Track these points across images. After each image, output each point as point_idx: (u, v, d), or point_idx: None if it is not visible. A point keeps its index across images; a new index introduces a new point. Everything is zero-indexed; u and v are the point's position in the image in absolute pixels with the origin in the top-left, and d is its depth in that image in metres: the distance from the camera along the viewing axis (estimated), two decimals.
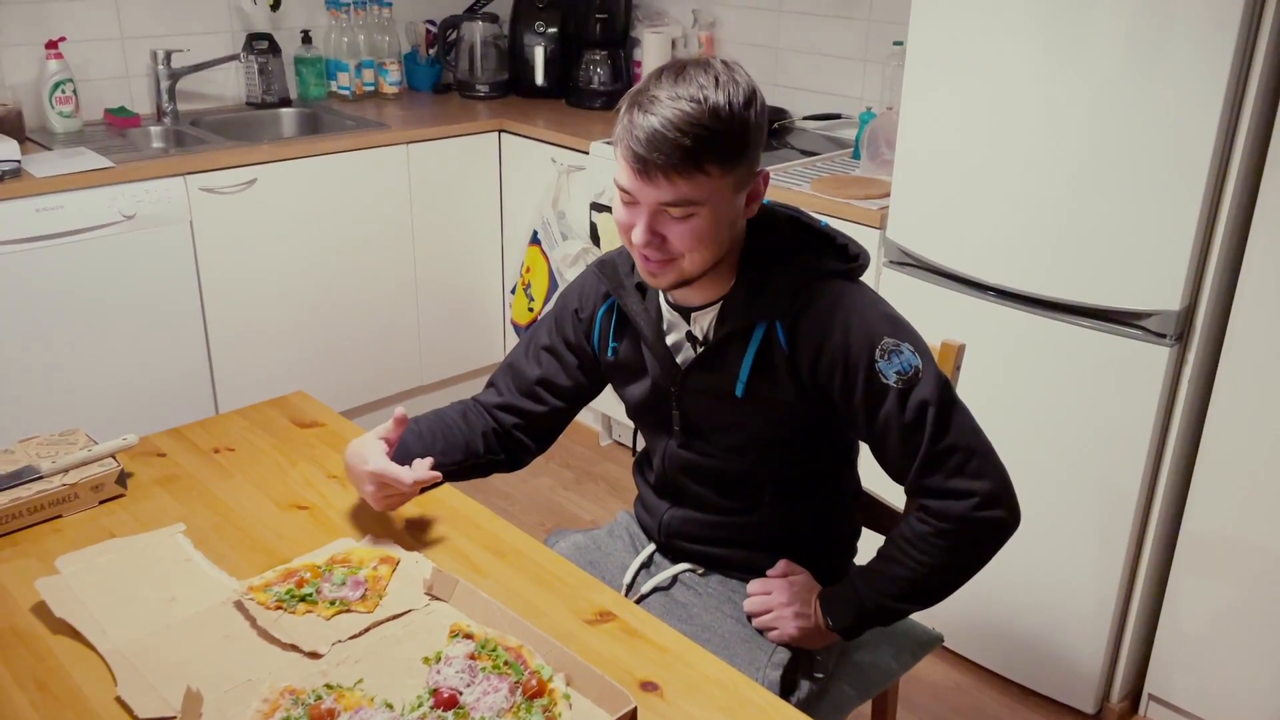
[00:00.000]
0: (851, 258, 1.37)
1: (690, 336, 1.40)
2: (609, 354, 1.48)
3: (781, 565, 1.46)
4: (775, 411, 1.37)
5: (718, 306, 1.37)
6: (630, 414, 1.54)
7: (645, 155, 1.20)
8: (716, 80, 1.21)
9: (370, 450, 1.37)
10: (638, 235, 1.26)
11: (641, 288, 1.44)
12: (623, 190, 1.26)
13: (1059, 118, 1.93)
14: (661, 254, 1.27)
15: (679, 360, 1.41)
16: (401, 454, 1.42)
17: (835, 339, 1.30)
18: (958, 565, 1.37)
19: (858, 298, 1.33)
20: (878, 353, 1.29)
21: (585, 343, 1.51)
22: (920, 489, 1.33)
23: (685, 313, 1.40)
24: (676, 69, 1.23)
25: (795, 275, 1.33)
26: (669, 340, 1.42)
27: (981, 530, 1.33)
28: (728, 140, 1.21)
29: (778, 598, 1.43)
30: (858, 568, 1.43)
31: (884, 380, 1.29)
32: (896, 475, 1.36)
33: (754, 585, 1.46)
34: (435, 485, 1.41)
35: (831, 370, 1.30)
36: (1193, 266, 1.87)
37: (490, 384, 1.58)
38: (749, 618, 1.45)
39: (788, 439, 1.41)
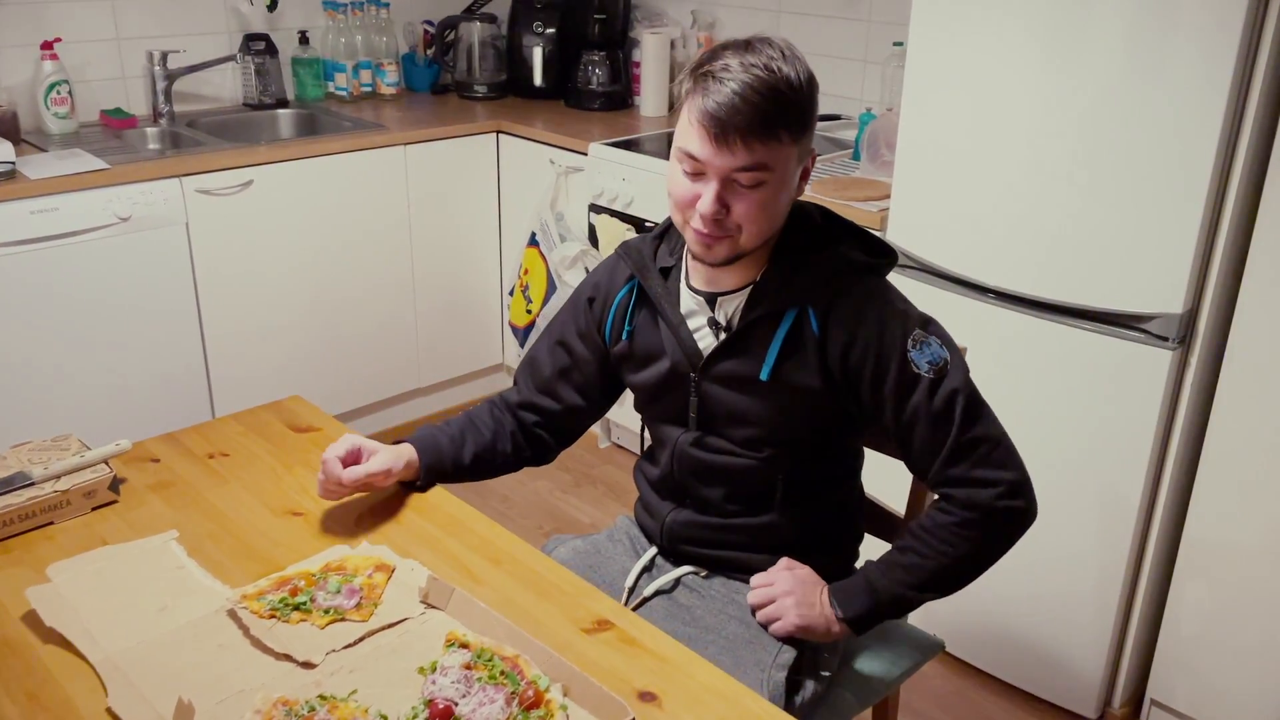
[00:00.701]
0: (883, 254, 1.40)
1: (713, 323, 1.40)
2: (623, 338, 1.48)
3: (784, 561, 1.45)
4: (797, 400, 1.37)
5: (746, 292, 1.37)
6: (641, 404, 1.53)
7: (725, 119, 1.23)
8: (783, 54, 1.26)
9: (342, 441, 1.43)
10: (705, 204, 1.27)
11: (665, 271, 1.45)
12: (692, 159, 1.27)
13: (1060, 119, 1.92)
14: (721, 228, 1.29)
15: (701, 346, 1.41)
16: (432, 452, 1.49)
17: (869, 327, 1.32)
18: (979, 554, 1.37)
19: (889, 291, 1.38)
20: (910, 342, 1.32)
21: (596, 333, 1.52)
22: (945, 479, 1.34)
23: (710, 299, 1.40)
24: (742, 43, 1.27)
25: (830, 264, 1.35)
26: (690, 325, 1.42)
27: (1004, 519, 1.35)
28: (798, 109, 1.27)
29: (780, 587, 1.42)
30: (869, 562, 1.42)
31: (916, 369, 1.31)
32: (920, 467, 1.37)
33: (757, 578, 1.45)
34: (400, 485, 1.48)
35: (864, 358, 1.32)
36: (1195, 269, 1.86)
37: (515, 379, 1.61)
38: (752, 611, 1.44)
39: (803, 435, 1.41)
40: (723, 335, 1.40)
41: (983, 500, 1.33)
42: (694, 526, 1.51)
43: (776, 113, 1.24)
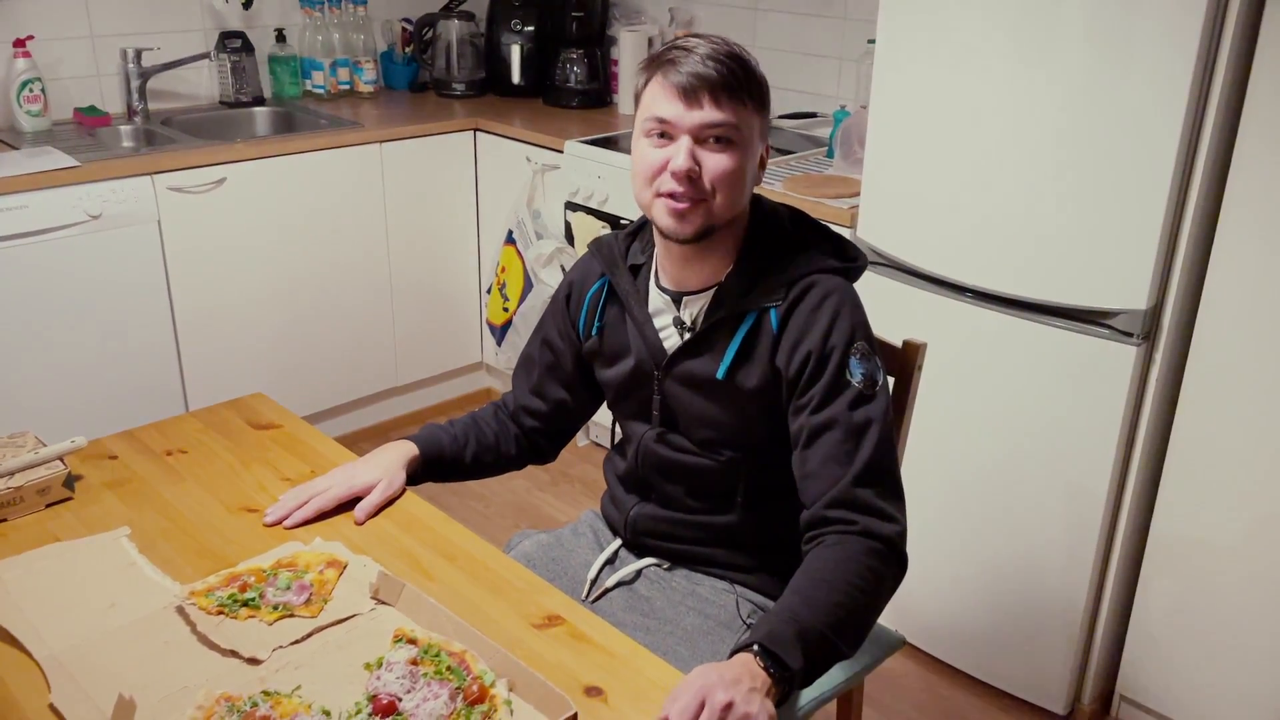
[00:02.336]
0: (851, 258, 1.39)
1: (678, 322, 1.41)
2: (593, 332, 1.49)
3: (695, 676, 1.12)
4: (751, 403, 1.37)
5: (710, 293, 1.38)
6: (610, 401, 1.55)
7: (696, 76, 1.27)
8: (736, 45, 1.33)
9: (332, 490, 1.44)
10: (679, 160, 1.28)
11: (635, 269, 1.46)
12: (660, 121, 1.29)
13: (1027, 117, 1.92)
14: (694, 191, 1.29)
15: (666, 345, 1.42)
16: (434, 453, 1.52)
17: (820, 326, 1.32)
18: (879, 595, 1.25)
19: (851, 296, 1.36)
20: (854, 349, 1.31)
21: (572, 329, 1.53)
22: (851, 500, 1.27)
23: (676, 298, 1.41)
24: (698, 35, 1.33)
25: (795, 268, 1.35)
26: (656, 324, 1.43)
27: (897, 564, 1.27)
28: (758, 85, 1.32)
29: (693, 685, 1.09)
30: (777, 604, 1.23)
31: (849, 377, 1.30)
32: (821, 480, 1.29)
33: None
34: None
35: (808, 355, 1.31)
36: (1159, 265, 1.86)
37: (512, 381, 1.64)
38: None
39: (761, 440, 1.39)
40: (686, 335, 1.40)
41: (886, 533, 1.25)
42: (657, 520, 1.51)
43: (743, 77, 1.29)
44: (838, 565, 1.23)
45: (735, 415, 1.39)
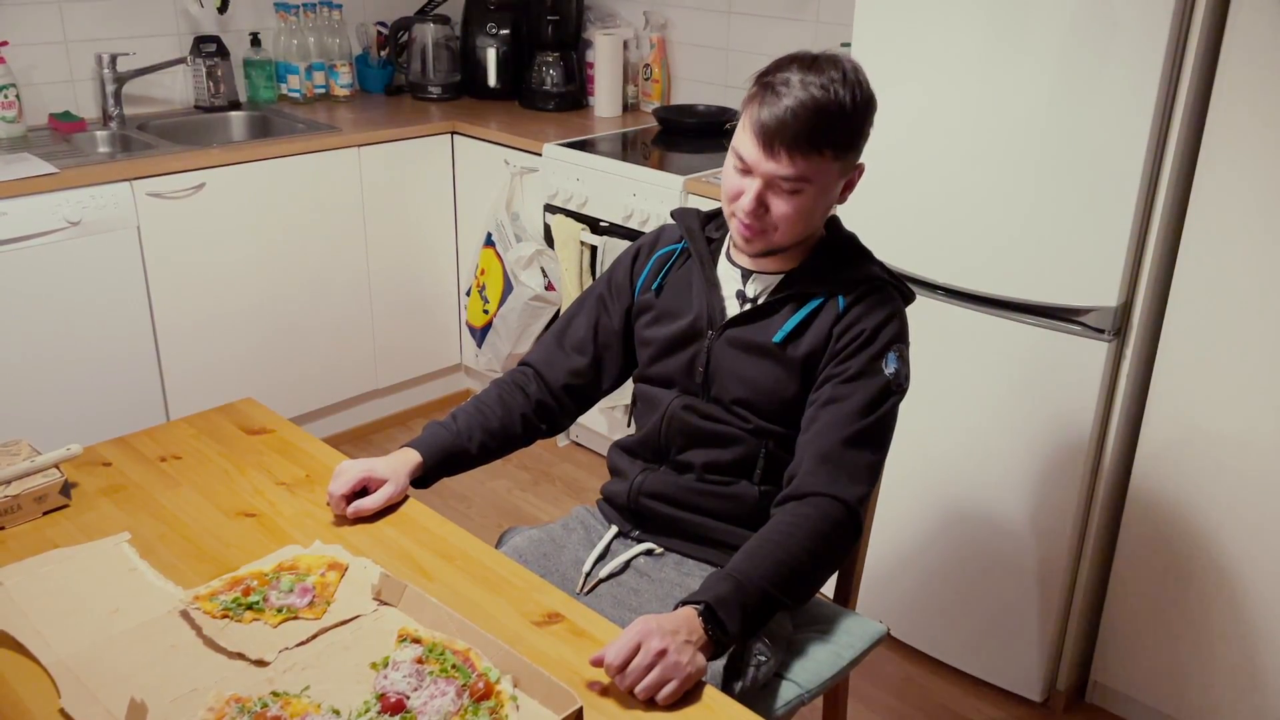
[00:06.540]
0: (908, 291, 1.53)
1: (740, 295, 1.50)
2: (653, 287, 1.56)
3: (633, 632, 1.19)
4: (791, 369, 1.45)
5: (779, 277, 1.48)
6: (645, 363, 1.59)
7: (774, 130, 1.33)
8: (844, 76, 1.35)
9: (345, 476, 1.46)
10: (745, 202, 1.38)
11: (709, 242, 1.55)
12: (741, 159, 1.38)
13: (999, 118, 1.97)
14: (759, 223, 1.39)
15: (726, 310, 1.50)
16: (438, 457, 1.53)
17: (879, 316, 1.44)
18: (828, 559, 1.38)
19: (905, 313, 1.50)
20: (895, 347, 1.44)
21: (629, 285, 1.60)
22: (839, 458, 1.39)
23: (745, 274, 1.50)
24: (810, 59, 1.36)
25: (867, 271, 1.48)
26: (721, 291, 1.52)
27: (853, 530, 1.39)
28: (846, 131, 1.37)
29: (632, 630, 1.19)
30: (732, 562, 1.34)
31: (883, 365, 1.42)
32: (820, 439, 1.40)
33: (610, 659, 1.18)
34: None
35: (860, 331, 1.42)
36: (1129, 263, 1.92)
37: (540, 345, 1.67)
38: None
39: (793, 411, 1.46)
40: (747, 306, 1.49)
41: (851, 498, 1.38)
42: (665, 484, 1.55)
43: (823, 132, 1.33)
44: (794, 527, 1.35)
45: (776, 380, 1.46)
